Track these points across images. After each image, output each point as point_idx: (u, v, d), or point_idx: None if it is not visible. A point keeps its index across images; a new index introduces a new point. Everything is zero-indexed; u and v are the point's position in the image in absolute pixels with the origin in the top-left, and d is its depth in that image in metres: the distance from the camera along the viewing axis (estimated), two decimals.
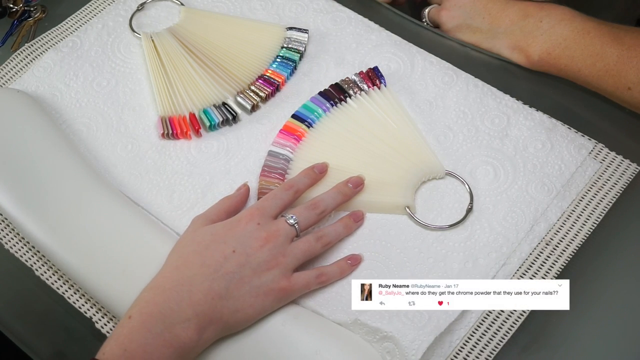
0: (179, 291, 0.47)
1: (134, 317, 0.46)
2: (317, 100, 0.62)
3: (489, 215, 0.55)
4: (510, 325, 0.51)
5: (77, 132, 0.63)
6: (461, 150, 0.59)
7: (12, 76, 0.68)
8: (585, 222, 0.55)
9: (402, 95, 0.62)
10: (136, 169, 0.60)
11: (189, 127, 0.62)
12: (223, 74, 0.65)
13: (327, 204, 0.54)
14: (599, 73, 0.58)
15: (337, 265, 0.53)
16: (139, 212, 0.57)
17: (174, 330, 0.46)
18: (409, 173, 0.57)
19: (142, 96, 0.65)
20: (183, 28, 0.68)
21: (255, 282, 0.49)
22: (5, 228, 0.59)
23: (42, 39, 0.70)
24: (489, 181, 0.57)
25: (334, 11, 0.69)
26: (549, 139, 0.59)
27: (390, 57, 0.65)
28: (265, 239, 0.50)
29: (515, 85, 0.63)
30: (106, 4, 0.72)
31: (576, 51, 0.59)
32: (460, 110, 0.61)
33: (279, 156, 0.59)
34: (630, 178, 0.57)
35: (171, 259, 0.50)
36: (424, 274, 0.53)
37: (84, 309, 0.54)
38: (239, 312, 0.48)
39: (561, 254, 0.54)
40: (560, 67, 0.60)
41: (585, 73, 0.59)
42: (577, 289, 0.51)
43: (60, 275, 0.56)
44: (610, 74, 0.57)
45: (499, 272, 0.53)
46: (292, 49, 0.66)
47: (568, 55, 0.59)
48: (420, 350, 0.48)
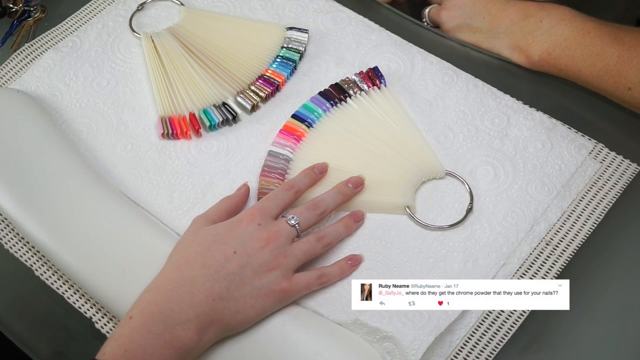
0: (180, 292, 0.47)
1: (134, 318, 0.46)
2: (317, 100, 0.62)
3: (489, 215, 0.55)
4: (510, 325, 0.51)
5: (77, 132, 0.63)
6: (461, 150, 0.59)
7: (12, 76, 0.68)
8: (585, 222, 0.55)
9: (402, 95, 0.63)
10: (136, 169, 0.60)
11: (189, 127, 0.62)
12: (223, 74, 0.65)
13: (328, 204, 0.54)
14: (599, 73, 0.58)
15: (337, 266, 0.53)
16: (139, 212, 0.57)
17: (174, 331, 0.46)
18: (409, 173, 0.57)
19: (142, 96, 0.65)
20: (183, 28, 0.68)
21: (256, 283, 0.49)
22: (5, 228, 0.59)
23: (42, 39, 0.70)
24: (489, 181, 0.57)
25: (334, 11, 0.69)
26: (549, 139, 0.59)
27: (390, 57, 0.65)
28: (266, 239, 0.50)
29: (515, 85, 0.63)
30: (106, 4, 0.72)
31: (576, 51, 0.59)
32: (460, 110, 0.61)
33: (279, 156, 0.59)
34: (630, 178, 0.57)
35: (172, 260, 0.50)
36: (424, 274, 0.53)
37: (84, 309, 0.54)
38: (240, 313, 0.48)
39: (561, 254, 0.54)
40: (560, 67, 0.60)
41: (585, 73, 0.59)
42: (577, 289, 0.51)
43: (60, 275, 0.56)
44: (610, 74, 0.57)
45: (499, 272, 0.53)
46: (292, 49, 0.66)
47: (568, 55, 0.59)
48: (420, 350, 0.48)
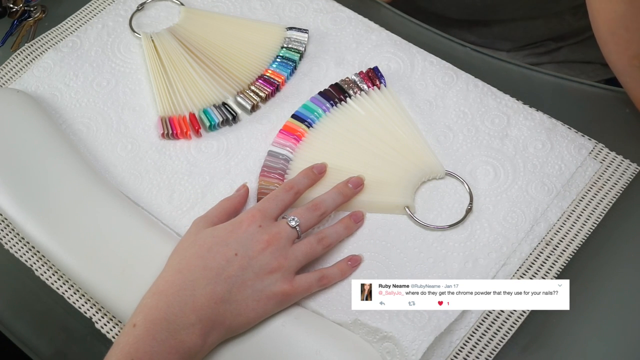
0: (182, 295, 0.47)
1: (138, 325, 0.46)
2: (317, 100, 0.62)
3: (489, 215, 0.55)
4: (510, 325, 0.51)
5: (77, 132, 0.63)
6: (461, 150, 0.59)
7: (12, 76, 0.67)
8: (585, 222, 0.55)
9: (402, 95, 0.62)
10: (136, 169, 0.60)
11: (189, 127, 0.62)
12: (223, 74, 0.65)
13: (328, 205, 0.54)
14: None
15: (337, 267, 0.53)
16: (139, 212, 0.56)
17: (178, 336, 0.46)
18: (409, 173, 0.57)
19: (142, 96, 0.65)
20: (183, 28, 0.68)
21: (258, 285, 0.49)
22: (5, 228, 0.59)
23: (42, 39, 0.70)
24: (489, 181, 0.57)
25: (334, 11, 0.69)
26: (549, 139, 0.59)
27: (390, 57, 0.65)
28: (267, 241, 0.50)
29: (515, 85, 0.63)
30: (106, 4, 0.72)
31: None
32: (460, 110, 0.61)
33: (279, 156, 0.59)
34: (630, 178, 0.57)
35: (172, 262, 0.50)
36: (424, 274, 0.53)
37: (84, 309, 0.54)
38: (241, 315, 0.48)
39: (561, 254, 0.54)
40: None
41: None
42: (577, 289, 0.51)
43: (60, 275, 0.56)
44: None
45: (499, 272, 0.53)
46: (292, 49, 0.66)
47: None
48: (420, 351, 0.48)
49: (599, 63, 0.84)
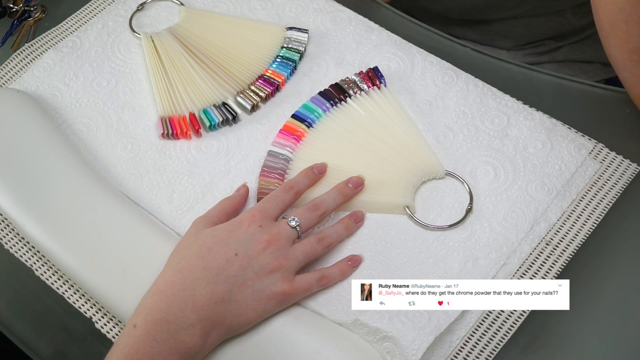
0: (182, 296, 0.47)
1: (139, 326, 0.46)
2: (317, 100, 0.62)
3: (489, 215, 0.55)
4: (510, 325, 0.51)
5: (77, 132, 0.63)
6: (461, 150, 0.59)
7: (12, 76, 0.67)
8: (585, 222, 0.55)
9: (402, 95, 0.62)
10: (136, 169, 0.60)
11: (189, 127, 0.62)
12: (223, 74, 0.65)
13: (328, 205, 0.54)
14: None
15: (337, 267, 0.53)
16: (139, 212, 0.57)
17: (178, 337, 0.46)
18: (408, 173, 0.57)
19: (142, 96, 0.65)
20: (183, 28, 0.68)
21: (258, 285, 0.49)
22: (5, 228, 0.59)
23: (42, 39, 0.70)
24: (489, 181, 0.57)
25: (334, 11, 0.69)
26: (549, 139, 0.59)
27: (390, 57, 0.65)
28: (268, 241, 0.50)
29: (515, 85, 0.63)
30: (106, 4, 0.72)
31: None
32: (460, 110, 0.61)
33: (279, 156, 0.59)
34: (630, 178, 0.57)
35: (173, 262, 0.50)
36: (424, 274, 0.53)
37: (84, 309, 0.54)
38: (242, 315, 0.48)
39: (561, 254, 0.54)
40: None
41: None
42: (577, 289, 0.51)
43: (60, 275, 0.56)
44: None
45: (499, 272, 0.53)
46: (292, 49, 0.66)
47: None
48: (420, 351, 0.48)
49: (599, 62, 0.84)
